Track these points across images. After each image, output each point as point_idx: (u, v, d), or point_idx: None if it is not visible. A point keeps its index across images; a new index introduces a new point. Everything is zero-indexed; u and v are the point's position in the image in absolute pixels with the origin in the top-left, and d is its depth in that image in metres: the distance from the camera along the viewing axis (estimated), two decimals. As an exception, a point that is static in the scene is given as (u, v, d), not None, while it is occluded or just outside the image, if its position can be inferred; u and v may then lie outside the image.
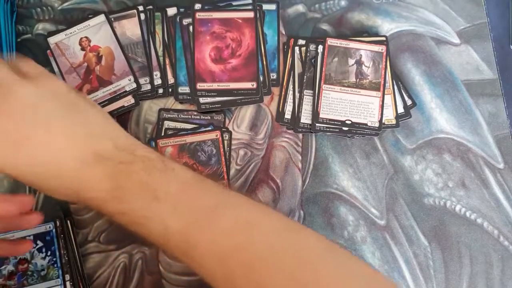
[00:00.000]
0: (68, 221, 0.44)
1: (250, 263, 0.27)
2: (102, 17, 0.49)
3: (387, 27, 0.51)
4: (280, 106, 0.49)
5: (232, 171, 0.47)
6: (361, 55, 0.48)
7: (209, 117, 0.48)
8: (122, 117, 0.48)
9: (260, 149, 0.48)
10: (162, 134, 0.47)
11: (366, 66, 0.48)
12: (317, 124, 0.47)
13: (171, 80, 0.49)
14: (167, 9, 0.50)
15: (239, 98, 0.48)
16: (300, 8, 0.52)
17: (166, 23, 0.50)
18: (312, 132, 0.48)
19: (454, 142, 0.48)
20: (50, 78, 0.32)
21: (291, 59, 0.50)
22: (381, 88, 0.48)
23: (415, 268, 0.45)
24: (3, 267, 0.42)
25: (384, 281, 0.33)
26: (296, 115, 0.48)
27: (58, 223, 0.43)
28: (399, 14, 0.52)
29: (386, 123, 0.48)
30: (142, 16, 0.50)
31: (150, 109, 0.49)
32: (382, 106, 0.47)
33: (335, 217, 0.46)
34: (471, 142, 0.48)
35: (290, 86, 0.49)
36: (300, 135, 0.48)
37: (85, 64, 0.48)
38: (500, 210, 0.46)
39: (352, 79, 0.48)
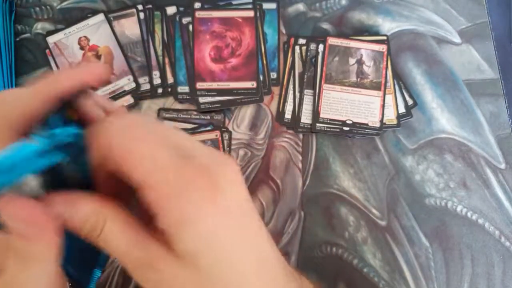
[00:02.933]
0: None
1: None
2: (101, 16, 0.49)
3: (388, 26, 0.51)
4: (280, 106, 0.48)
5: (232, 171, 0.46)
6: (362, 54, 0.48)
7: (209, 117, 0.48)
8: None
9: (260, 149, 0.47)
10: (162, 134, 0.47)
11: (367, 66, 0.48)
12: (317, 124, 0.47)
13: (170, 79, 0.48)
14: (167, 8, 0.50)
15: (239, 97, 0.48)
16: (301, 7, 0.52)
17: (166, 22, 0.50)
18: (312, 132, 0.47)
19: (455, 142, 0.48)
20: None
21: (291, 58, 0.49)
22: (382, 88, 0.47)
23: (416, 269, 0.45)
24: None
25: None
26: (296, 114, 0.48)
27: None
28: (400, 13, 0.52)
29: (387, 123, 0.47)
30: (142, 15, 0.49)
31: (150, 108, 0.48)
32: (383, 106, 0.47)
33: (335, 217, 0.46)
34: (472, 142, 0.48)
35: (291, 86, 0.49)
36: (301, 135, 0.48)
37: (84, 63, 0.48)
38: (501, 210, 0.46)
39: (353, 78, 0.48)
